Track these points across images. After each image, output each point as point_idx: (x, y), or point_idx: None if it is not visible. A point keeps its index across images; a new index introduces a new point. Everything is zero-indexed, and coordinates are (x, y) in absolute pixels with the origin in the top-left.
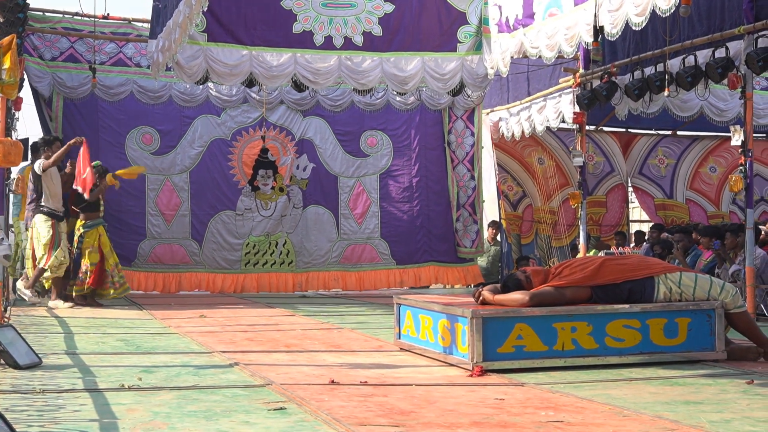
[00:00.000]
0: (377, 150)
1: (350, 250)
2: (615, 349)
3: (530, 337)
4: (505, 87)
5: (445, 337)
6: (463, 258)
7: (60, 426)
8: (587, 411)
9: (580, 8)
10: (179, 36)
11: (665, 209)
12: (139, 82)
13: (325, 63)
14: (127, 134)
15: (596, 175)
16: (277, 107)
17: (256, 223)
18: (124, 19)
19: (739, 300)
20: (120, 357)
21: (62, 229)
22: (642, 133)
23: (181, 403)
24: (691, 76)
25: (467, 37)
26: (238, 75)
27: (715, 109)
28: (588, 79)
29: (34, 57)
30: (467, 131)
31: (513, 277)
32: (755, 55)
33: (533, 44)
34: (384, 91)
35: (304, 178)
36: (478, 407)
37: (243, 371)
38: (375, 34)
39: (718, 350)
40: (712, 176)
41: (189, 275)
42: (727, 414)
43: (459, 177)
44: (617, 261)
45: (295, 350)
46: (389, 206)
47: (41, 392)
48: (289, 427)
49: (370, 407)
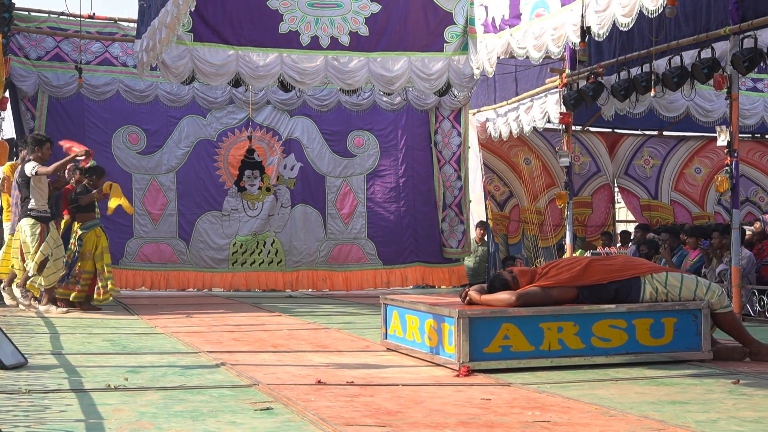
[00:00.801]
0: (364, 150)
1: (337, 250)
2: (601, 349)
3: (517, 337)
4: (491, 87)
5: (431, 337)
6: (449, 258)
7: (46, 426)
8: (574, 411)
9: (567, 9)
10: (167, 36)
11: (650, 210)
12: (125, 82)
13: (311, 63)
14: (114, 133)
15: (582, 176)
16: (263, 107)
17: (242, 223)
18: (110, 19)
19: (725, 300)
20: (106, 357)
21: (52, 232)
22: (628, 133)
23: (167, 403)
24: (677, 76)
25: (454, 38)
26: (225, 75)
27: (701, 110)
28: (574, 80)
29: (19, 56)
30: (454, 131)
31: (500, 278)
32: (741, 55)
33: (520, 45)
34: (371, 91)
35: (292, 177)
36: (465, 407)
37: (229, 371)
38: (361, 34)
39: (704, 350)
40: (697, 177)
41: (177, 274)
42: (713, 414)
43: (446, 177)
44: (604, 261)
45: (281, 350)
46: (376, 206)
47: (27, 392)
48: (276, 427)
49: (356, 407)
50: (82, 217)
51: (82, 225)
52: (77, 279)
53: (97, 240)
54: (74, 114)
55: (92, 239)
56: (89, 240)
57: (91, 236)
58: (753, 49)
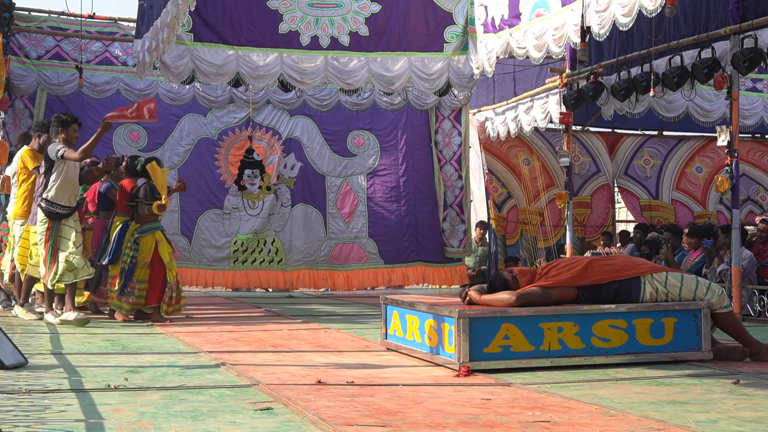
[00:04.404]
0: (364, 150)
1: (338, 249)
2: (601, 349)
3: (517, 337)
4: (491, 87)
5: (431, 337)
6: (451, 258)
7: (46, 426)
8: (574, 411)
9: (568, 9)
10: (167, 36)
11: (651, 210)
12: (125, 81)
13: (311, 63)
14: (115, 131)
15: (582, 176)
16: (263, 107)
17: (243, 222)
18: (110, 19)
19: (725, 300)
20: (106, 357)
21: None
22: (628, 133)
23: (167, 403)
24: (677, 76)
25: (454, 38)
26: (225, 75)
27: (700, 110)
28: (574, 80)
29: (19, 56)
30: (454, 131)
31: (500, 278)
32: (741, 55)
33: (520, 44)
34: (370, 91)
35: (292, 176)
36: (465, 407)
37: (229, 371)
38: (361, 34)
39: (705, 350)
40: (698, 176)
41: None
42: (713, 414)
43: (446, 177)
44: (604, 261)
45: (281, 350)
46: (376, 206)
47: (27, 392)
48: (276, 427)
49: (356, 407)
50: (141, 218)
51: (140, 228)
52: (131, 290)
53: (157, 245)
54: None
55: (149, 245)
56: (146, 245)
57: (149, 241)
58: (753, 49)
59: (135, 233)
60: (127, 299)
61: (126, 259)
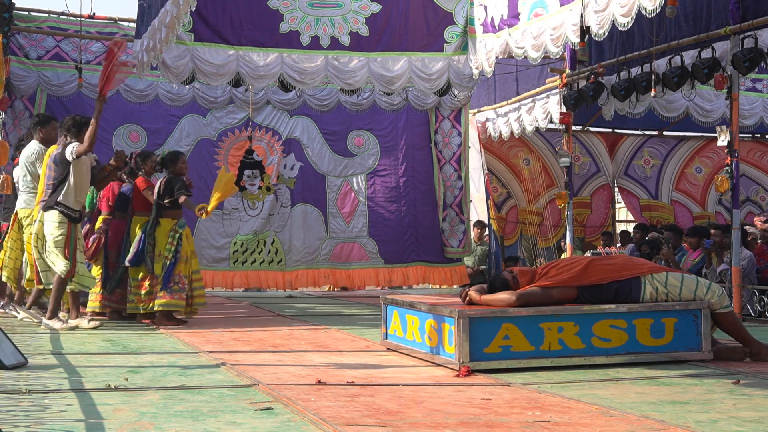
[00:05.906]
0: (364, 150)
1: (339, 248)
2: (601, 349)
3: (517, 337)
4: (492, 87)
5: (431, 337)
6: (450, 258)
7: (46, 426)
8: (574, 411)
9: (566, 8)
10: (166, 36)
11: (650, 210)
12: (125, 81)
13: (311, 63)
14: (114, 131)
15: (582, 176)
16: (263, 107)
17: (243, 222)
18: (110, 19)
19: (725, 300)
20: (106, 357)
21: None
22: (628, 133)
23: (167, 403)
24: (677, 76)
25: (454, 38)
26: (225, 75)
27: (700, 110)
28: (574, 80)
29: (19, 56)
30: (454, 131)
31: (500, 278)
32: (741, 55)
33: (519, 44)
34: (371, 91)
35: (292, 177)
36: (465, 407)
37: (230, 371)
38: (362, 34)
39: (705, 350)
40: (697, 177)
41: None
42: (713, 414)
43: (446, 177)
44: (604, 261)
45: (281, 350)
46: (376, 206)
47: (27, 392)
48: (276, 427)
49: (357, 407)
50: (175, 214)
51: (179, 222)
52: (181, 286)
53: (187, 241)
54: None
55: (191, 237)
56: (189, 240)
57: (189, 234)
58: (753, 49)
59: (177, 228)
60: (179, 295)
61: (168, 255)
